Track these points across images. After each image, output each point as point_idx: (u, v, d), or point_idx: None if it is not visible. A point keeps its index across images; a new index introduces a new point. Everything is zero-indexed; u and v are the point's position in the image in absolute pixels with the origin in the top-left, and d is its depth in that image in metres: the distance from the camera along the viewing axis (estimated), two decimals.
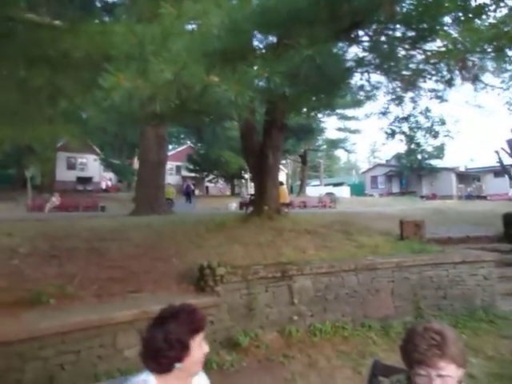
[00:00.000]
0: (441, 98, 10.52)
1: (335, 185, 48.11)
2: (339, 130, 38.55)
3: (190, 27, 2.28)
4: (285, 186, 15.68)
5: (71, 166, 34.87)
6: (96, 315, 4.36)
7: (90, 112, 2.40)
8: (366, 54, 5.68)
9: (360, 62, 5.64)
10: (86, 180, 34.84)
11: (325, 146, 42.53)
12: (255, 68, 1.92)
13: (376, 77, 8.26)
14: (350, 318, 6.38)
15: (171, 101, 1.97)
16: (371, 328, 6.36)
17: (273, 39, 2.03)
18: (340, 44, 4.68)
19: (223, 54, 2.03)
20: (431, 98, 10.66)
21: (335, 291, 6.38)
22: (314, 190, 40.36)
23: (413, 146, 37.02)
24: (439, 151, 39.62)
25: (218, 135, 29.78)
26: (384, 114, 13.56)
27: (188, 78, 1.83)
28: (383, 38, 4.71)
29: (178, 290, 5.72)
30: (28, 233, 8.89)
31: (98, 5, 23.92)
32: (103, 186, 37.33)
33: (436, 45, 5.03)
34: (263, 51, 1.94)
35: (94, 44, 2.39)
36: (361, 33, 4.20)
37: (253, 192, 16.67)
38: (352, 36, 3.32)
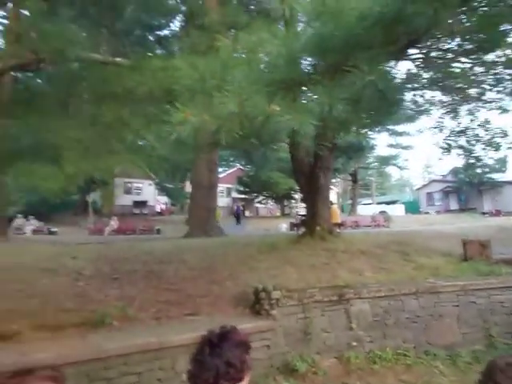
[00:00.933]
0: (502, 109, 9.96)
1: (388, 203, 46.52)
2: (390, 146, 37.55)
3: (245, 58, 2.35)
4: (336, 206, 15.41)
5: (128, 191, 36.69)
6: (156, 338, 4.46)
7: (154, 143, 2.53)
8: (418, 69, 5.54)
9: (413, 78, 5.51)
10: (141, 204, 36.40)
11: (376, 164, 41.51)
12: (316, 96, 1.93)
13: (430, 92, 8.02)
14: (411, 344, 6.04)
15: (235, 132, 2.03)
16: (436, 356, 5.96)
17: (329, 66, 2.04)
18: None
19: (282, 82, 2.06)
20: (491, 109, 10.14)
21: (395, 316, 6.09)
22: (366, 209, 39.26)
23: (472, 160, 35.00)
24: (502, 164, 37.17)
25: (268, 157, 30.08)
26: (438, 128, 13.05)
27: (251, 109, 1.87)
28: (436, 53, 4.57)
29: (233, 313, 5.73)
30: (91, 255, 9.38)
31: (151, 38, 25.36)
32: (158, 209, 38.81)
33: (496, 54, 4.82)
34: (321, 78, 1.95)
35: (156, 80, 2.53)
36: (413, 50, 4.11)
37: (303, 212, 16.54)
38: (406, 54, 3.26)
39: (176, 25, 26.20)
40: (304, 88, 2.17)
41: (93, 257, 9.18)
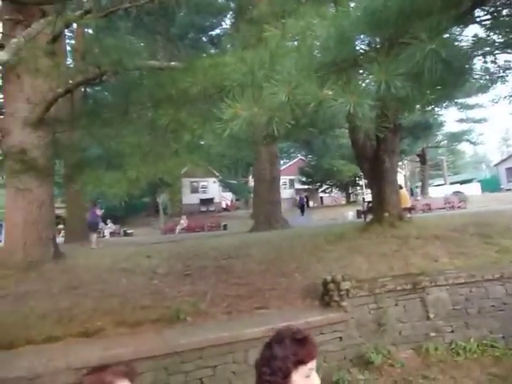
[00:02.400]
0: None
1: (462, 182, 43.35)
2: (461, 121, 34.88)
3: (295, 44, 2.26)
4: (404, 190, 14.65)
5: (194, 190, 38.05)
6: (227, 332, 4.56)
7: (211, 141, 2.56)
8: (488, 32, 5.00)
9: (482, 44, 4.98)
10: (208, 201, 37.55)
11: (446, 141, 38.83)
12: (371, 75, 1.79)
13: (503, 56, 7.22)
14: (499, 334, 5.57)
15: (287, 122, 1.96)
16: None
17: (384, 41, 1.89)
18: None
19: (334, 65, 1.95)
20: None
21: (478, 304, 5.65)
22: (439, 190, 36.91)
23: None
24: None
25: (328, 145, 29.45)
26: None
27: (302, 96, 1.79)
28: (508, 11, 4.10)
29: (302, 305, 5.68)
30: (164, 254, 9.84)
31: (205, 39, 25.78)
32: (223, 205, 39.80)
33: None
34: (377, 55, 1.81)
35: (207, 78, 2.54)
36: (480, 12, 3.71)
37: (370, 199, 15.97)
38: (471, 17, 2.95)
39: (227, 23, 26.50)
40: (358, 68, 2.03)
41: (166, 255, 9.63)
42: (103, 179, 2.49)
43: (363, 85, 1.83)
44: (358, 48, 2.07)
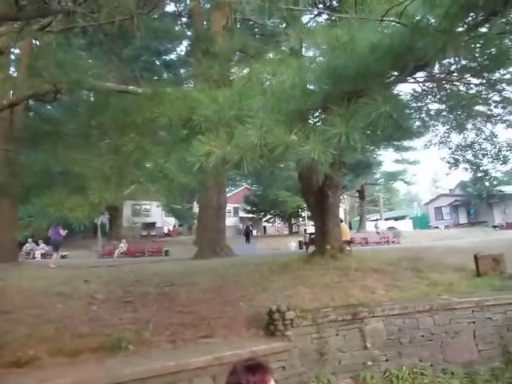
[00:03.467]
0: (508, 123, 10.02)
1: (396, 218, 46.18)
2: (397, 161, 37.49)
3: (260, 88, 2.46)
4: (344, 223, 15.39)
5: (136, 213, 36.87)
6: (172, 361, 4.47)
7: (175, 171, 2.62)
8: (423, 88, 5.65)
9: (418, 97, 5.61)
10: (149, 225, 36.51)
11: (383, 179, 41.43)
12: (331, 126, 2.01)
13: (435, 105, 8.10)
14: (428, 362, 5.96)
15: (256, 162, 2.11)
16: (454, 375, 5.88)
17: (343, 94, 2.12)
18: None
19: (297, 112, 2.15)
20: (496, 124, 10.20)
21: (410, 334, 6.04)
22: (374, 225, 38.98)
23: (479, 174, 34.69)
24: (510, 177, 36.92)
25: (276, 176, 30.18)
26: (444, 142, 13.10)
27: (271, 140, 1.96)
28: (442, 74, 4.68)
29: (247, 334, 5.72)
30: (102, 279, 9.44)
31: (158, 63, 25.77)
32: (165, 230, 38.85)
33: (501, 72, 4.91)
34: (337, 108, 2.03)
35: (174, 109, 2.65)
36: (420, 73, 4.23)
37: (312, 230, 16.50)
38: (412, 77, 3.37)
39: (181, 49, 26.81)
40: (320, 118, 2.25)
41: (105, 280, 9.24)
42: (65, 203, 2.45)
43: (325, 134, 2.04)
44: (319, 99, 2.30)
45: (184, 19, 23.70)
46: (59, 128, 3.49)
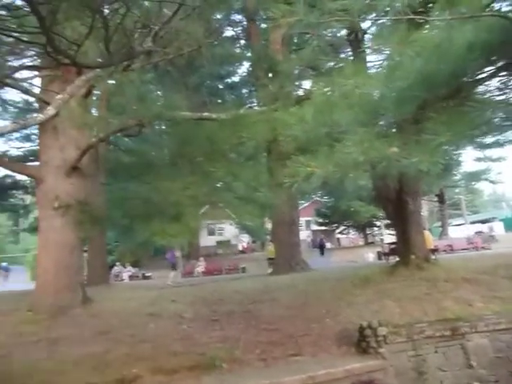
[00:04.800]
0: None
1: (483, 221, 42.49)
2: (479, 160, 34.73)
3: (347, 102, 2.41)
4: (428, 231, 14.47)
5: (211, 232, 38.06)
6: (267, 380, 4.48)
7: (265, 193, 2.66)
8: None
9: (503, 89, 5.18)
10: (224, 243, 37.39)
11: (464, 180, 38.47)
12: (438, 135, 1.91)
13: None
14: None
15: (360, 179, 2.07)
16: None
17: (438, 100, 2.02)
18: None
19: (393, 123, 2.08)
20: None
21: None
22: (459, 230, 36.18)
23: None
24: None
25: (347, 186, 29.45)
26: None
27: (374, 154, 1.91)
28: None
29: (338, 352, 5.55)
30: (188, 298, 9.79)
31: (221, 86, 26.70)
32: (240, 247, 39.53)
33: None
34: (436, 115, 1.93)
35: (258, 132, 2.70)
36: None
37: (390, 240, 15.75)
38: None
39: (243, 70, 27.61)
40: (418, 126, 2.16)
41: (190, 300, 9.58)
42: (168, 231, 2.61)
43: (430, 144, 1.94)
44: (414, 107, 2.21)
45: (242, 41, 24.47)
46: (145, 159, 3.74)
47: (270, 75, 11.33)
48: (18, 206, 25.21)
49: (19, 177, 20.03)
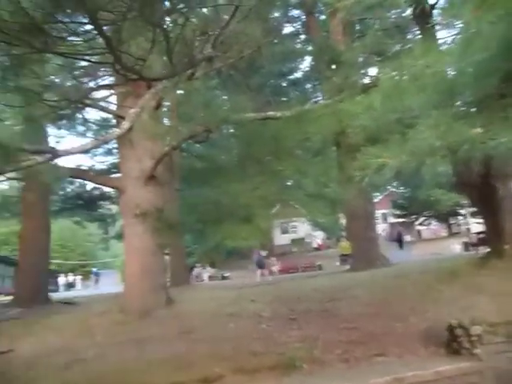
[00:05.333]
0: None
1: None
2: None
3: (418, 84, 2.21)
4: None
5: (285, 231, 38.17)
6: (349, 382, 4.32)
7: (335, 189, 2.56)
8: None
9: None
10: (298, 241, 37.26)
11: None
12: None
13: None
14: None
15: (439, 166, 1.90)
16: None
17: None
18: None
19: (474, 102, 1.86)
20: None
21: None
22: None
23: None
24: None
25: (423, 174, 27.72)
26: None
27: (454, 138, 1.73)
28: None
29: (426, 353, 5.20)
30: (266, 298, 9.87)
31: (284, 84, 26.57)
32: (314, 244, 39.12)
33: None
34: None
35: (325, 126, 2.59)
36: None
37: (479, 230, 14.50)
38: None
39: (304, 65, 27.28)
40: (504, 102, 1.90)
41: (268, 299, 9.64)
42: (239, 233, 2.63)
43: None
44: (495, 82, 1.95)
45: (302, 36, 24.14)
46: (215, 164, 3.80)
47: (334, 67, 11.01)
48: (105, 215, 27.41)
49: (105, 188, 21.75)
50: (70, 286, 34.41)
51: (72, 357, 6.10)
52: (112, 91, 10.18)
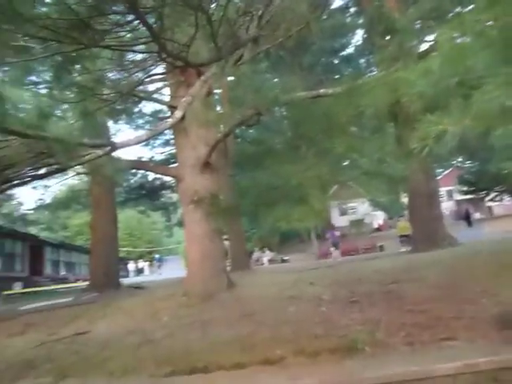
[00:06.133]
0: None
1: None
2: None
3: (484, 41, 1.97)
4: None
5: (343, 212, 37.49)
6: (416, 366, 4.15)
7: (392, 164, 2.42)
8: None
9: None
10: (358, 223, 36.44)
11: None
12: None
13: None
14: None
15: (510, 132, 1.69)
16: None
17: None
18: None
19: None
20: None
21: None
22: None
23: None
24: None
25: (493, 146, 25.71)
26: None
27: None
28: None
29: (499, 338, 4.83)
30: (325, 280, 9.79)
31: (336, 61, 25.73)
32: (375, 225, 38.05)
33: None
34: None
35: (378, 98, 2.43)
36: None
37: None
38: None
39: (355, 40, 26.18)
40: None
41: (327, 281, 9.56)
42: (293, 215, 2.59)
43: None
44: None
45: (353, 9, 23.10)
46: (267, 146, 3.76)
47: (388, 38, 10.40)
48: (167, 203, 28.67)
49: (165, 178, 22.67)
50: (139, 271, 36.67)
51: (143, 337, 6.48)
52: (165, 82, 10.47)
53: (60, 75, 3.21)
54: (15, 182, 4.48)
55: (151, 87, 11.01)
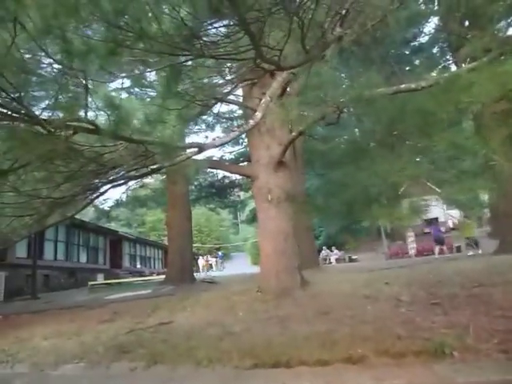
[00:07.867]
0: None
1: None
2: None
3: None
4: None
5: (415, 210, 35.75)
6: None
7: (502, 160, 2.32)
8: None
9: None
10: (431, 221, 34.51)
11: None
12: None
13: None
14: None
15: None
16: None
17: None
18: None
19: None
20: None
21: None
22: None
23: None
24: None
25: None
26: None
27: None
28: None
29: None
30: (401, 280, 9.50)
31: (407, 52, 24.42)
32: (450, 224, 35.81)
33: None
34: None
35: (482, 93, 2.34)
36: None
37: None
38: None
39: (429, 29, 24.74)
40: None
41: (403, 282, 9.27)
42: (393, 214, 2.60)
43: None
44: None
45: None
46: (353, 144, 3.76)
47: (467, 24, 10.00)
48: (235, 201, 29.42)
49: (234, 177, 23.29)
50: (210, 266, 38.05)
51: (222, 330, 6.77)
52: (241, 84, 10.76)
53: (169, 84, 3.50)
54: (115, 182, 4.92)
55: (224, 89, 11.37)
